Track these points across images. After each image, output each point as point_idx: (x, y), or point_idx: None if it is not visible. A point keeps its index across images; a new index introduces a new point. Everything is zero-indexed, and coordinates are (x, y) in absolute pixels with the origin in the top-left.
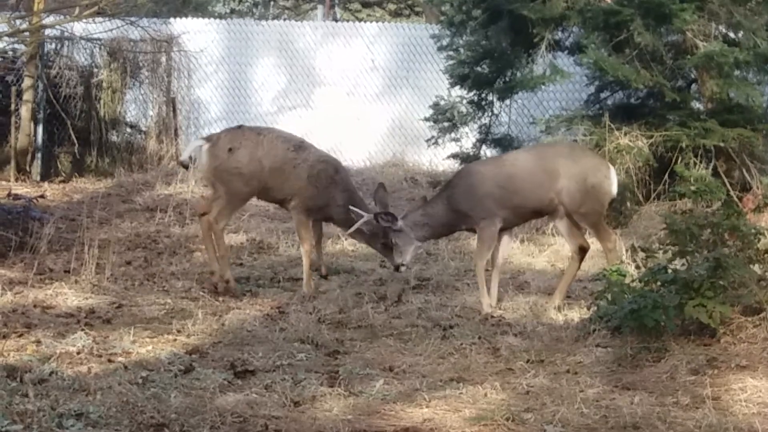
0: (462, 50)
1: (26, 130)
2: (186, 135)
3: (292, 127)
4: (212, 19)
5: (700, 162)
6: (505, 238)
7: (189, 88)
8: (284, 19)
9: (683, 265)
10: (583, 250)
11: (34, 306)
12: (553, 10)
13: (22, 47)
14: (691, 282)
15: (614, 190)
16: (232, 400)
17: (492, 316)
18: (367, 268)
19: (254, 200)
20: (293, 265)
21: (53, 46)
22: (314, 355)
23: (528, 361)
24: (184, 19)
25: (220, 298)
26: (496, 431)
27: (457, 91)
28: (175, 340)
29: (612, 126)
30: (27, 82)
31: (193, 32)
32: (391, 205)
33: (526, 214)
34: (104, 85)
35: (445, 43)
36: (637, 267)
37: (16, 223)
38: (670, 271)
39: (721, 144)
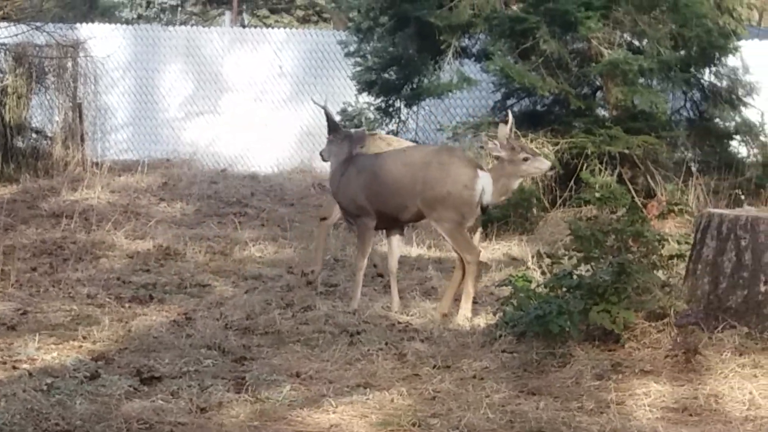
0: (369, 57)
1: None
2: (92, 141)
3: (199, 133)
4: (119, 25)
5: (605, 169)
6: (396, 241)
7: (96, 94)
8: (192, 25)
9: (588, 270)
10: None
11: None
12: (460, 18)
13: None
14: (595, 288)
15: (477, 198)
16: (138, 406)
17: (398, 322)
18: (274, 274)
19: (162, 206)
20: (200, 272)
21: None
22: (221, 362)
23: (434, 366)
24: (90, 24)
25: (126, 305)
26: None
27: (365, 98)
28: (81, 346)
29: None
30: None
31: (100, 38)
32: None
33: (391, 219)
34: (9, 90)
35: (352, 49)
36: (543, 273)
37: None
38: (575, 276)
39: (626, 151)
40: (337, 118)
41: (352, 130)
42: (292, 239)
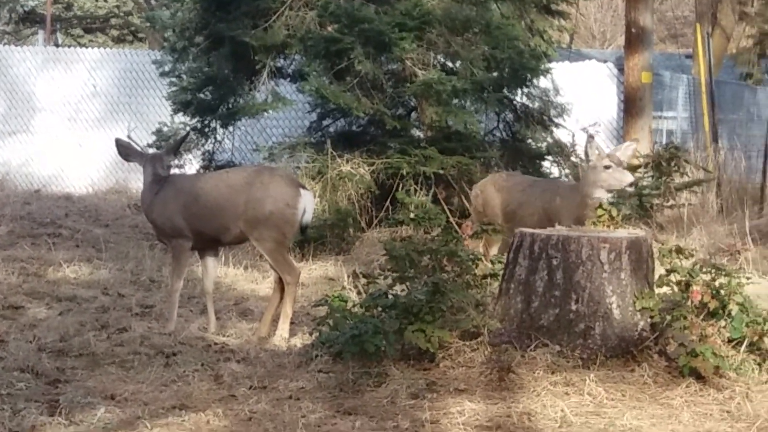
0: (185, 77)
1: None
2: None
3: (12, 153)
4: None
5: (421, 189)
6: (211, 262)
7: None
8: (4, 44)
9: (403, 290)
10: (283, 281)
11: None
12: (275, 38)
13: None
14: (410, 307)
15: (299, 217)
16: None
17: (215, 343)
18: (89, 295)
19: None
20: (13, 293)
21: None
22: (34, 384)
23: (251, 387)
24: None
25: None
26: None
27: (181, 118)
28: None
29: (334, 153)
30: None
31: None
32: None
33: (212, 240)
34: None
35: (167, 69)
36: (359, 293)
37: None
38: (390, 296)
39: (441, 171)
40: (152, 138)
41: (152, 151)
42: (107, 260)
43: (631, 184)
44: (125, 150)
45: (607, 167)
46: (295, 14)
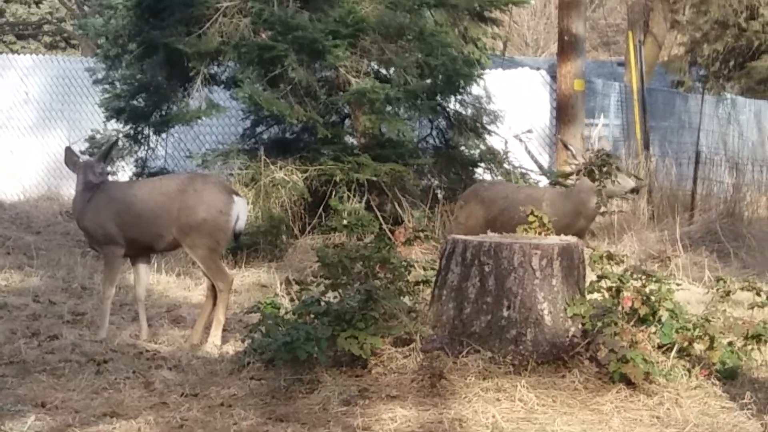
0: (118, 84)
1: None
2: None
3: None
4: None
5: (354, 196)
6: (143, 269)
7: None
8: None
9: (336, 297)
10: (215, 288)
11: None
12: (209, 45)
13: None
14: (343, 314)
15: (232, 224)
16: None
17: (147, 350)
18: (20, 303)
19: None
20: None
21: None
22: None
23: (182, 394)
24: None
25: None
26: None
27: (114, 125)
28: None
29: (268, 160)
30: None
31: None
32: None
33: (145, 247)
34: None
35: (100, 76)
36: (292, 300)
37: None
38: (322, 303)
39: (374, 178)
40: (86, 145)
41: (85, 158)
42: (38, 267)
43: (632, 191)
44: (70, 158)
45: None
46: (228, 21)
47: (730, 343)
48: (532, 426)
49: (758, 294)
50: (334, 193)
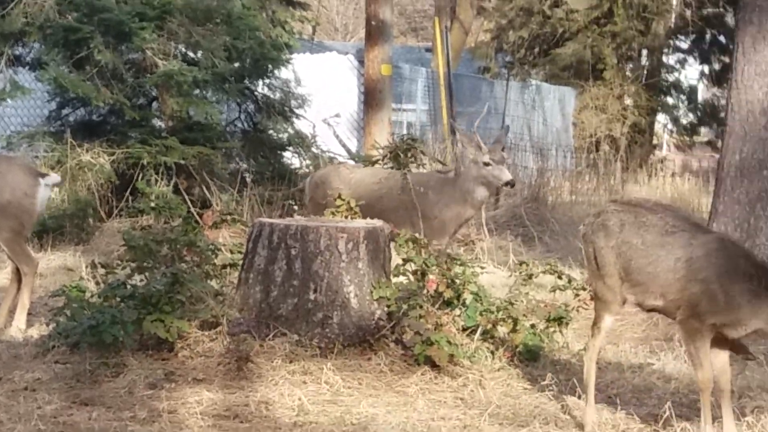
0: None
1: None
2: None
3: None
4: None
5: (162, 179)
6: None
7: None
8: None
9: (142, 280)
10: (20, 272)
11: None
12: (13, 25)
13: None
14: (149, 297)
15: (38, 207)
16: None
17: None
18: None
19: None
20: None
21: None
22: None
23: None
24: None
25: None
26: None
27: None
28: None
29: (74, 143)
30: None
31: None
32: None
33: None
34: None
35: None
36: (98, 283)
37: None
38: (129, 286)
39: (182, 161)
40: None
41: None
42: None
43: (507, 183)
44: None
45: (486, 164)
46: (33, 2)
47: (533, 326)
48: (337, 408)
49: (560, 277)
50: (141, 176)
